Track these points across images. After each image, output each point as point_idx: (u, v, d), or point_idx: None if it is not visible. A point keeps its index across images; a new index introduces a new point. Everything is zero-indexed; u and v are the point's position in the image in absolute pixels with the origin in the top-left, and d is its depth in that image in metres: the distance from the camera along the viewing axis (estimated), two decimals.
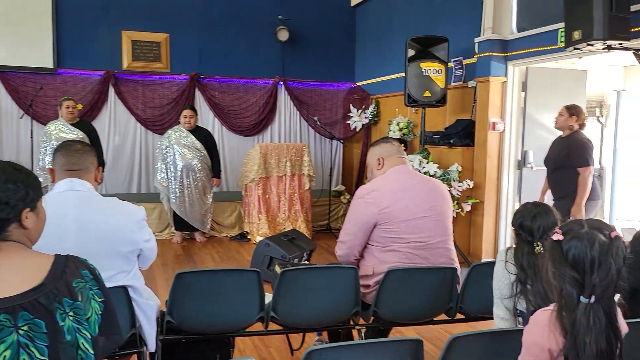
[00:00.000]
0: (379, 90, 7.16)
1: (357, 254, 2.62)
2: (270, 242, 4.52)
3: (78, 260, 1.41)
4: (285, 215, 6.19)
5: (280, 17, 7.36)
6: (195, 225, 5.95)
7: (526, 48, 4.59)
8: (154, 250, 2.27)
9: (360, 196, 2.58)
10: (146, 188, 7.05)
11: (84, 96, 6.67)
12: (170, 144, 5.83)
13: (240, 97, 7.44)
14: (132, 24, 6.86)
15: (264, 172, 6.06)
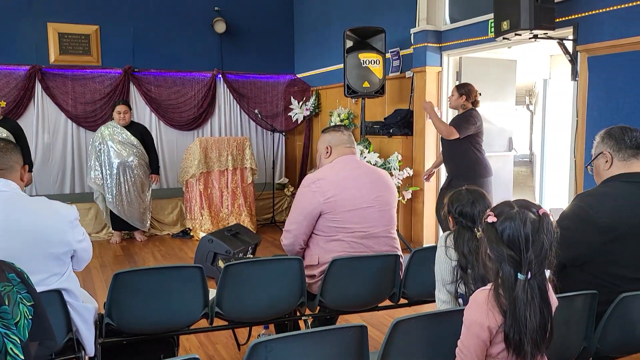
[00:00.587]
0: (320, 82, 7.18)
1: (303, 243, 2.62)
2: (213, 237, 4.45)
3: (4, 264, 1.33)
4: (228, 210, 6.10)
5: (216, 8, 7.22)
6: (135, 224, 5.76)
7: (459, 39, 4.74)
8: (88, 251, 2.18)
9: (306, 185, 2.58)
10: (80, 188, 6.74)
11: (8, 92, 6.27)
12: (104, 141, 5.60)
13: (178, 91, 7.24)
14: (58, 16, 6.51)
15: (205, 167, 5.94)
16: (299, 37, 7.78)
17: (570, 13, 3.62)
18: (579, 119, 3.63)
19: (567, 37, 3.67)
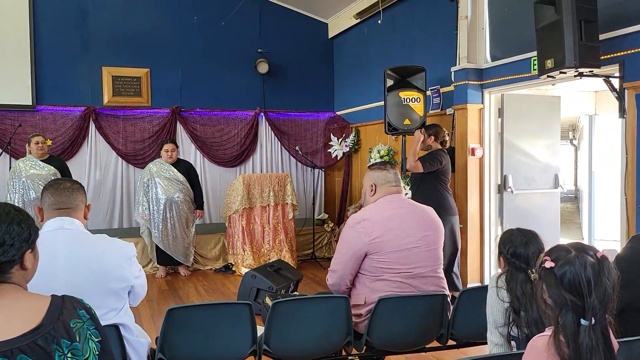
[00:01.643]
0: (359, 119, 7.28)
1: (349, 283, 2.62)
2: (256, 273, 4.50)
3: (75, 300, 1.40)
4: (269, 245, 6.17)
5: (259, 50, 7.49)
6: (179, 259, 5.89)
7: (501, 76, 4.75)
8: (144, 287, 2.26)
9: (351, 225, 2.59)
10: (128, 222, 6.96)
11: (64, 132, 6.63)
12: (152, 177, 5.80)
13: (222, 129, 7.48)
14: (112, 60, 6.89)
15: (248, 202, 6.06)
16: (338, 75, 7.96)
17: (616, 50, 3.60)
18: (628, 157, 3.55)
19: (613, 74, 3.63)
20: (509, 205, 4.94)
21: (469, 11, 5.01)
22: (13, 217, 1.31)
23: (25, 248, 1.32)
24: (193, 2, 7.24)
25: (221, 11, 7.28)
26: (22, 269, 1.33)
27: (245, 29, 7.48)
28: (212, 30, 7.32)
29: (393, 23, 6.36)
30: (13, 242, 1.29)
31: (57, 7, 6.62)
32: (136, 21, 6.96)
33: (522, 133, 4.96)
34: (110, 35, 6.85)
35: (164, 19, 7.11)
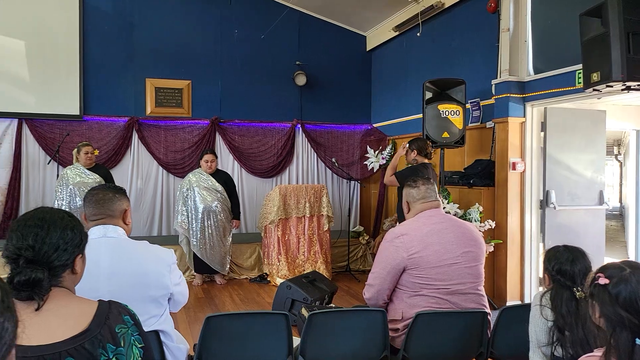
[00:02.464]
0: (396, 131, 7.25)
1: (386, 297, 2.60)
2: (291, 284, 4.50)
3: (120, 306, 1.44)
4: (304, 256, 6.18)
5: (298, 62, 7.57)
6: (215, 267, 5.96)
7: (544, 89, 4.65)
8: (184, 295, 2.29)
9: (389, 240, 2.57)
10: (167, 230, 7.11)
11: (109, 141, 6.85)
12: (191, 187, 5.91)
13: (259, 140, 7.58)
14: (155, 72, 7.10)
15: (284, 213, 6.10)
16: (376, 88, 7.96)
17: None
18: None
19: None
20: (551, 222, 4.80)
21: (511, 23, 4.94)
22: (67, 223, 1.36)
23: (76, 253, 1.36)
24: (234, 16, 7.40)
25: (261, 25, 7.41)
26: (73, 273, 1.37)
27: (284, 42, 7.59)
28: (252, 43, 7.45)
29: (432, 35, 6.33)
30: (66, 247, 1.33)
31: (105, 22, 6.88)
32: (179, 35, 7.16)
33: (566, 147, 4.83)
34: (154, 48, 7.06)
35: (205, 33, 7.29)
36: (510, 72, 4.90)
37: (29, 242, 1.31)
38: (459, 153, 5.73)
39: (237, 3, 7.40)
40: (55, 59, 6.66)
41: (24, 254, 1.30)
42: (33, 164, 6.65)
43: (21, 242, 1.31)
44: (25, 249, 1.30)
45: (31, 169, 6.64)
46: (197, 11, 7.26)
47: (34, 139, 6.62)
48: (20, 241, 1.31)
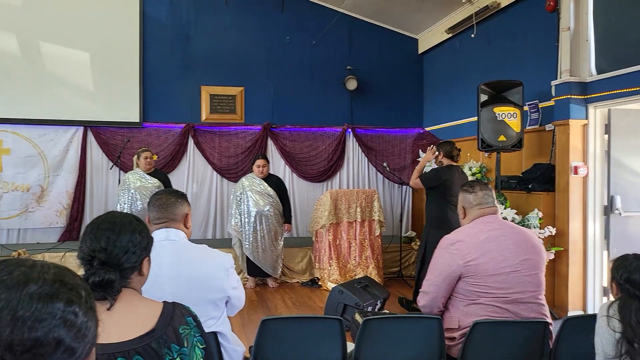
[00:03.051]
0: (449, 135, 7.11)
1: (441, 305, 2.55)
2: (343, 289, 4.50)
3: (183, 308, 1.48)
4: (356, 261, 6.16)
5: (348, 67, 7.59)
6: (267, 270, 6.04)
7: (608, 90, 4.44)
8: (240, 299, 2.32)
9: (444, 246, 2.52)
10: (220, 234, 7.28)
11: (166, 147, 7.09)
12: (244, 191, 6.02)
13: (310, 144, 7.64)
14: (210, 80, 7.30)
15: (335, 218, 6.10)
16: (428, 91, 7.85)
17: None
18: None
19: None
20: (616, 229, 4.57)
21: (571, 22, 4.75)
22: (135, 227, 1.42)
23: (144, 255, 1.42)
24: (286, 23, 7.51)
25: (312, 31, 7.48)
26: (140, 274, 1.43)
27: (335, 47, 7.62)
28: (304, 49, 7.53)
29: (487, 36, 6.18)
30: (135, 249, 1.39)
31: (164, 33, 7.15)
32: (233, 43, 7.34)
33: (632, 151, 4.58)
34: (209, 56, 7.27)
35: (258, 40, 7.44)
36: (571, 73, 4.71)
37: (101, 244, 1.38)
38: (516, 157, 5.56)
39: (289, 10, 7.51)
40: (117, 69, 6.98)
41: (98, 256, 1.36)
42: (97, 169, 6.99)
43: (95, 245, 1.38)
44: (99, 251, 1.37)
45: (95, 174, 6.98)
46: (250, 19, 7.41)
47: (97, 146, 6.95)
48: (94, 243, 1.38)
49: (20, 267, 0.67)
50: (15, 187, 6.69)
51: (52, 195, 6.82)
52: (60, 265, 0.73)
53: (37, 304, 0.64)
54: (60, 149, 6.85)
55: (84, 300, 0.69)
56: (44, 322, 0.63)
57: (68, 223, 6.84)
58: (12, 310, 0.62)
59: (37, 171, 6.78)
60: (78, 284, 0.70)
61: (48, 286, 0.66)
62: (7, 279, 0.64)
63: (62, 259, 5.78)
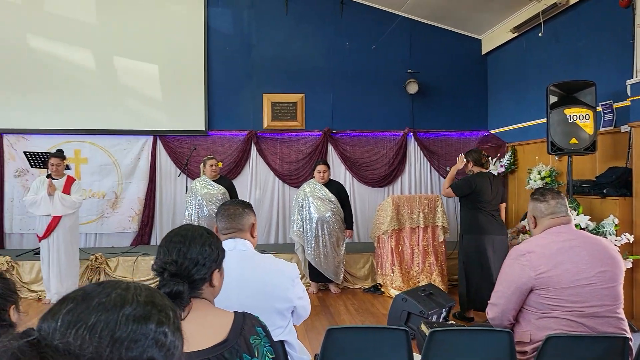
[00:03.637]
0: (516, 137, 6.87)
1: (512, 318, 2.46)
2: (407, 296, 4.44)
3: (253, 318, 1.52)
4: (419, 268, 6.07)
5: (409, 70, 7.51)
6: (329, 276, 6.06)
7: None
8: (306, 309, 2.34)
9: (514, 257, 2.43)
10: (283, 239, 7.40)
11: (230, 154, 7.30)
12: (305, 197, 6.08)
13: (371, 149, 7.61)
14: (271, 87, 7.45)
15: (397, 223, 6.04)
16: (493, 92, 7.63)
17: None
18: None
19: None
20: None
21: None
22: (205, 240, 1.48)
23: (214, 268, 1.47)
24: (345, 28, 7.54)
25: (372, 35, 7.47)
26: (211, 286, 1.48)
27: (395, 51, 7.57)
28: (363, 54, 7.53)
29: (556, 35, 5.93)
30: (205, 261, 1.45)
31: (227, 43, 7.38)
32: (293, 51, 7.45)
33: None
34: (270, 64, 7.42)
35: (318, 47, 7.51)
36: None
37: (172, 257, 1.45)
38: (590, 160, 5.28)
39: (349, 16, 7.53)
40: (183, 79, 7.28)
41: (168, 268, 1.43)
42: (165, 176, 7.31)
43: (166, 257, 1.45)
44: (169, 263, 1.44)
45: (164, 181, 7.30)
46: (310, 27, 7.50)
47: (166, 154, 7.27)
48: (166, 256, 1.45)
49: (116, 289, 0.72)
50: (92, 194, 7.11)
51: (125, 202, 7.19)
52: (150, 287, 0.77)
53: (133, 325, 0.68)
54: (132, 158, 7.22)
55: (172, 321, 0.73)
56: (139, 342, 0.67)
57: (139, 228, 7.19)
58: (111, 331, 0.66)
59: (112, 179, 7.18)
60: (167, 305, 0.74)
61: (141, 308, 0.70)
62: (106, 301, 0.69)
63: (134, 263, 6.08)
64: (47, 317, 0.67)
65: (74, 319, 0.66)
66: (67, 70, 7.08)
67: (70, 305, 0.68)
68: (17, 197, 6.97)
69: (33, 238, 6.52)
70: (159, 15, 7.28)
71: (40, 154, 6.29)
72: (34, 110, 7.02)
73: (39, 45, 7.09)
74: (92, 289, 0.72)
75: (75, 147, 7.10)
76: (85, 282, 5.92)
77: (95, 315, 0.67)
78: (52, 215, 5.44)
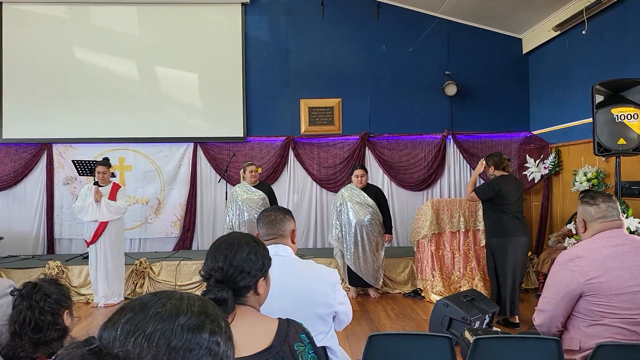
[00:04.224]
0: (560, 138, 6.67)
1: (560, 325, 2.39)
2: (449, 302, 4.37)
3: (297, 325, 1.53)
4: (460, 273, 5.96)
5: (447, 72, 7.41)
6: (369, 281, 6.03)
7: None
8: (348, 314, 2.33)
9: (563, 263, 2.36)
10: (321, 243, 7.41)
11: (268, 160, 7.38)
12: (344, 202, 6.07)
13: (409, 153, 7.55)
14: (308, 93, 7.50)
15: (437, 228, 5.96)
16: (534, 92, 7.43)
17: None
18: None
19: None
20: None
21: None
22: (252, 248, 1.50)
23: (259, 276, 1.49)
24: (382, 32, 7.51)
25: (409, 38, 7.41)
26: (256, 294, 1.50)
27: (432, 53, 7.48)
28: (400, 57, 7.48)
29: (600, 32, 5.73)
30: (250, 269, 1.47)
31: (264, 50, 7.48)
32: (330, 56, 7.48)
33: None
34: (307, 70, 7.47)
35: (354, 51, 7.51)
36: None
37: (219, 263, 1.47)
38: (638, 160, 5.07)
39: (385, 19, 7.50)
40: (222, 87, 7.41)
41: (214, 274, 1.45)
42: (206, 182, 7.45)
43: (213, 264, 1.47)
44: (216, 270, 1.46)
45: (204, 187, 7.45)
46: (346, 32, 7.51)
47: (206, 160, 7.41)
48: (213, 262, 1.48)
49: (170, 299, 0.74)
50: (136, 200, 7.32)
51: (168, 208, 7.37)
52: (201, 297, 0.79)
53: (187, 335, 0.70)
54: (174, 164, 7.39)
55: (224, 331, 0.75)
56: (194, 351, 0.69)
57: (181, 233, 7.35)
58: (167, 340, 0.68)
59: (154, 185, 7.37)
60: (218, 315, 0.76)
61: (195, 318, 0.72)
62: (162, 311, 0.71)
63: (177, 267, 6.21)
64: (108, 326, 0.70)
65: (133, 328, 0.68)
66: (112, 81, 7.33)
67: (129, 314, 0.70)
68: (66, 204, 7.25)
69: (81, 243, 6.77)
70: (197, 25, 7.44)
71: (88, 162, 6.53)
72: (81, 120, 7.29)
73: (85, 57, 7.37)
74: (148, 299, 0.74)
75: (119, 154, 7.33)
76: (131, 286, 6.09)
77: (152, 324, 0.69)
78: (99, 221, 5.63)
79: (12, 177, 7.26)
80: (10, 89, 7.28)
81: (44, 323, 1.59)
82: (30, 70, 7.28)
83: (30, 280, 1.70)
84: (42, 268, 6.03)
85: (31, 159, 7.29)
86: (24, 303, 1.61)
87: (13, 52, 7.30)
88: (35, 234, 7.26)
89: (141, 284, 6.13)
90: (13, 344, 1.58)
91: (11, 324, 1.60)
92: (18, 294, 1.65)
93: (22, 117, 7.27)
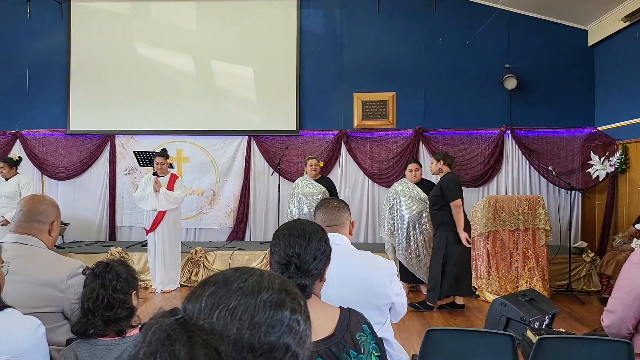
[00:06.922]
0: (628, 134, 6.32)
1: (631, 327, 2.25)
2: (506, 301, 4.23)
3: (358, 314, 1.51)
4: (517, 272, 5.76)
5: (507, 65, 7.16)
6: (421, 277, 5.93)
7: None
8: (404, 306, 2.30)
9: (636, 262, 2.23)
10: (372, 238, 7.36)
11: (321, 154, 7.39)
12: (397, 196, 6.00)
13: (465, 148, 7.36)
14: (362, 86, 7.44)
15: (494, 225, 5.78)
16: (600, 86, 7.07)
17: None
18: None
19: None
20: None
21: None
22: (322, 236, 1.49)
23: (327, 263, 1.48)
24: (439, 24, 7.35)
25: (467, 30, 7.22)
26: (321, 281, 1.49)
27: (491, 45, 7.25)
28: (457, 50, 7.30)
29: None
30: (321, 257, 1.46)
31: (319, 44, 7.48)
32: (384, 49, 7.39)
33: None
34: (361, 63, 7.41)
35: (410, 44, 7.39)
36: None
37: (295, 250, 1.46)
38: None
39: (442, 11, 7.33)
40: (276, 81, 7.48)
41: (294, 261, 1.45)
42: (259, 174, 7.55)
43: (290, 250, 1.46)
44: (294, 256, 1.45)
45: (258, 180, 7.55)
46: (401, 24, 7.40)
47: (259, 153, 7.51)
48: (289, 249, 1.47)
49: (252, 275, 0.74)
50: (192, 191, 7.51)
51: (222, 199, 7.53)
52: (280, 275, 0.78)
53: (270, 311, 0.69)
54: (229, 157, 7.54)
55: (303, 310, 0.74)
56: (276, 328, 0.68)
57: (235, 224, 7.49)
58: (250, 315, 0.68)
59: (210, 177, 7.55)
60: (298, 293, 0.75)
61: (276, 294, 0.71)
62: (244, 286, 0.71)
63: (230, 257, 6.34)
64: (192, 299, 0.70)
65: (217, 301, 0.69)
66: (170, 75, 7.54)
67: (212, 288, 0.71)
68: (126, 194, 7.55)
69: (141, 231, 7.02)
70: (253, 19, 7.53)
71: (147, 153, 6.76)
72: (142, 113, 7.55)
73: (145, 52, 7.62)
74: (230, 274, 0.74)
75: (177, 146, 7.55)
76: (186, 273, 6.26)
77: (236, 299, 0.69)
78: (157, 210, 5.82)
79: (78, 167, 7.62)
80: (77, 83, 7.63)
81: (115, 301, 1.65)
82: (94, 65, 7.60)
83: (102, 260, 1.76)
84: (105, 254, 6.31)
85: (95, 150, 7.62)
86: (96, 281, 1.67)
87: (79, 48, 7.64)
88: (98, 221, 7.60)
89: (196, 272, 6.29)
90: (85, 320, 1.65)
91: (84, 301, 1.66)
92: (91, 272, 1.72)
93: (87, 110, 7.61)
